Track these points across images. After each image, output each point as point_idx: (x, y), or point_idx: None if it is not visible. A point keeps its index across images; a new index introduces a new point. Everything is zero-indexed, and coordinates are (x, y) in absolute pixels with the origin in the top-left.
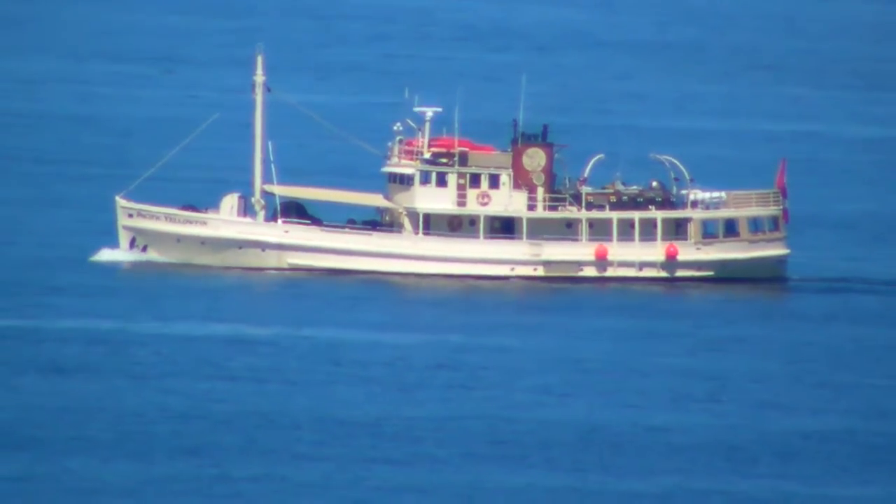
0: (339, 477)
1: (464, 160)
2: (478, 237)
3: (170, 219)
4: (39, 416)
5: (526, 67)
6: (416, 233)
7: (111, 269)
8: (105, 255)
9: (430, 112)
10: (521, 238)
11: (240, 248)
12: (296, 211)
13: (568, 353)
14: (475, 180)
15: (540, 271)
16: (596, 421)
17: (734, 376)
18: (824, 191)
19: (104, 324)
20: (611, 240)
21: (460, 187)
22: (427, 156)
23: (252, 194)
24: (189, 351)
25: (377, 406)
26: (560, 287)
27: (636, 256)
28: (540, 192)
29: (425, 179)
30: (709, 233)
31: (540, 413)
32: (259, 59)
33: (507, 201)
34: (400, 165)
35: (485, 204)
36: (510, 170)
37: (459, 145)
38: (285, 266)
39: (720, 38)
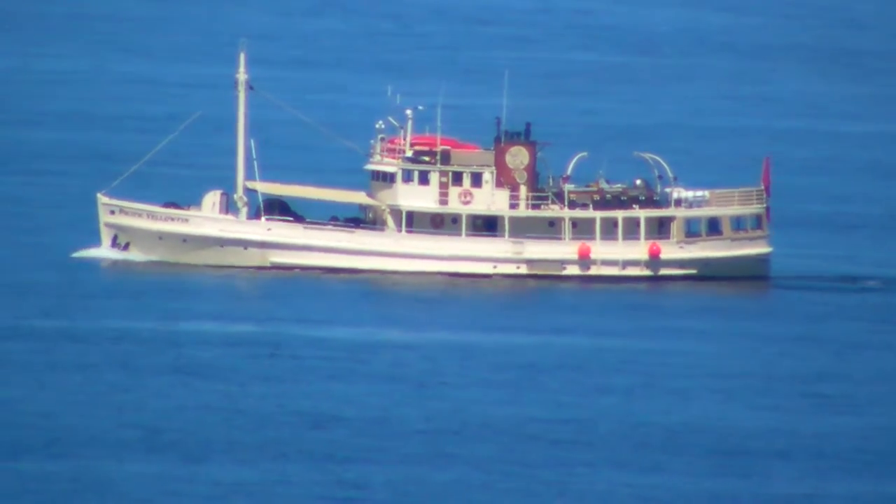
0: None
1: (446, 158)
2: (460, 235)
3: (151, 216)
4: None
5: (658, 70)
6: (399, 230)
7: (96, 266)
8: (87, 252)
9: (411, 110)
10: (503, 236)
11: (222, 246)
12: (279, 208)
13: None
14: (458, 178)
15: (522, 269)
16: (733, 424)
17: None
18: None
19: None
20: (594, 238)
21: (443, 185)
22: (409, 154)
23: (235, 191)
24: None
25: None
26: (545, 286)
27: (619, 255)
28: (523, 190)
29: (408, 177)
30: (692, 231)
31: (668, 417)
32: (242, 57)
33: (490, 200)
34: (382, 163)
35: (467, 202)
36: (493, 168)
37: (442, 143)
38: (268, 264)
39: (858, 40)
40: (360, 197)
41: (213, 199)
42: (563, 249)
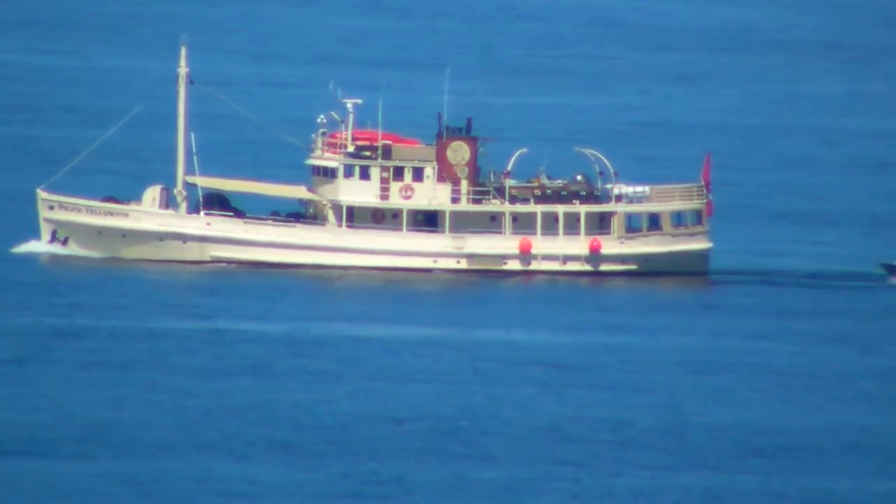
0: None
1: (387, 153)
2: (401, 230)
3: (91, 211)
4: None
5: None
6: (340, 225)
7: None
8: (26, 247)
9: (351, 104)
10: (444, 231)
11: (161, 240)
12: (218, 203)
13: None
14: (399, 173)
15: (463, 264)
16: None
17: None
18: None
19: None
20: (535, 233)
21: (384, 180)
22: (351, 149)
23: (175, 186)
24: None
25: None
26: (485, 280)
27: (560, 250)
28: (464, 185)
29: (349, 172)
30: (632, 227)
31: (709, 416)
32: (182, 51)
33: (431, 194)
34: (324, 158)
35: (408, 197)
36: (434, 163)
37: (383, 138)
38: (207, 259)
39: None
40: (300, 192)
41: (153, 193)
42: (503, 244)
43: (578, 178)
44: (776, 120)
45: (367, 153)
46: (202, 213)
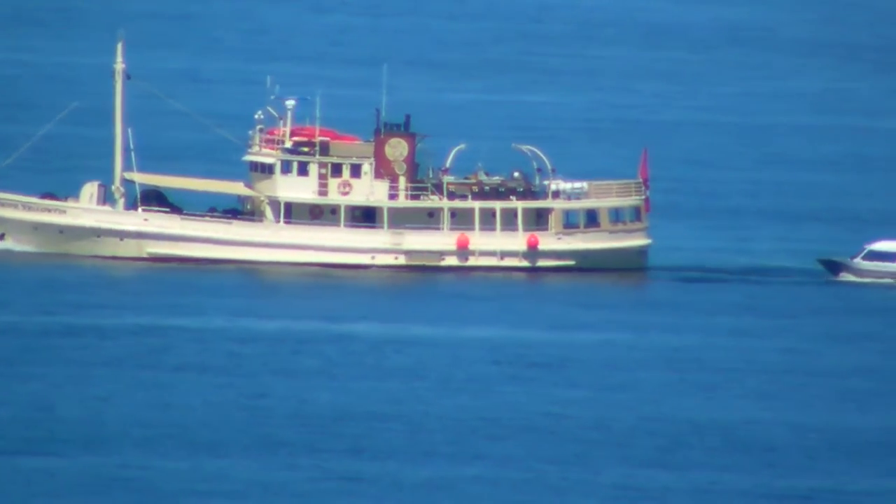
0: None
1: (325, 149)
2: (339, 226)
3: (27, 207)
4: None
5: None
6: (278, 221)
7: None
8: None
9: (291, 101)
10: (382, 227)
11: (98, 236)
12: (156, 199)
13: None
14: (336, 170)
15: (401, 260)
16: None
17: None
18: None
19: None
20: (472, 229)
21: (322, 176)
22: (288, 145)
23: (112, 182)
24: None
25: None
26: (423, 276)
27: (497, 246)
28: (402, 181)
29: (286, 168)
30: (570, 223)
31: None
32: (119, 47)
33: (369, 191)
34: (261, 154)
35: (346, 193)
36: (372, 159)
37: (321, 135)
38: (144, 255)
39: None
40: (238, 188)
41: (90, 190)
42: (441, 240)
43: (516, 174)
44: (760, 118)
45: (305, 149)
46: (140, 209)
